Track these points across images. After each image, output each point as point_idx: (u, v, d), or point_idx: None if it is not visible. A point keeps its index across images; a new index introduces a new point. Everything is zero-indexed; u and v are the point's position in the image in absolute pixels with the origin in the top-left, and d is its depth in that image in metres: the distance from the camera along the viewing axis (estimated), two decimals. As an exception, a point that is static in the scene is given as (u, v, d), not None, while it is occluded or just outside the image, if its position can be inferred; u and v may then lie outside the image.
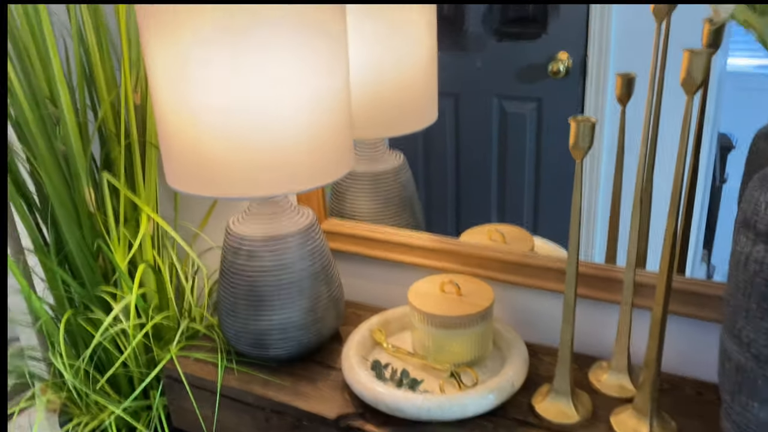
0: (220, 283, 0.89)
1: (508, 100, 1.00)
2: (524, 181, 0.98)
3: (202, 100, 0.68)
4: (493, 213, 1.02)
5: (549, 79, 0.96)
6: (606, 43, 0.88)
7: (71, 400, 1.06)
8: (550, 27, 0.95)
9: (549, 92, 0.97)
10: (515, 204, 0.99)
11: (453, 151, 1.03)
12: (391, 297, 1.04)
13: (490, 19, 0.98)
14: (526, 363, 0.81)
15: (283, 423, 0.84)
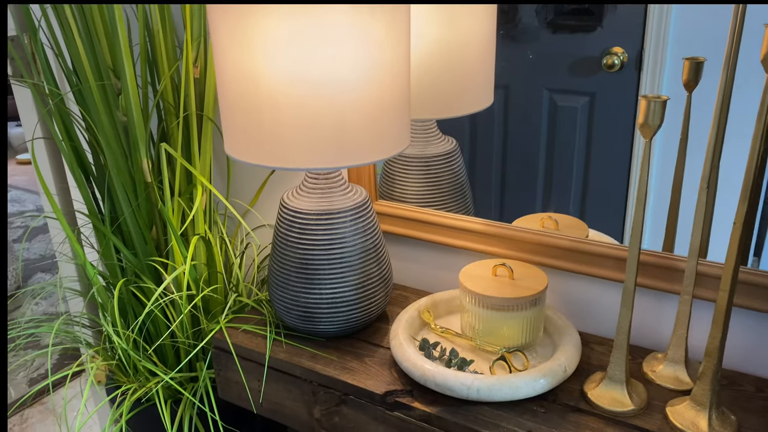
0: (272, 256, 0.90)
1: (559, 94, 0.99)
2: (572, 175, 0.96)
3: (265, 70, 0.69)
4: (538, 205, 1.00)
5: (603, 72, 0.94)
6: (664, 34, 0.86)
7: (119, 368, 1.09)
8: (605, 19, 0.93)
9: (602, 86, 0.94)
10: (562, 197, 0.97)
11: (500, 143, 1.02)
12: (439, 282, 1.03)
13: (545, 11, 0.96)
14: (579, 350, 0.80)
15: (330, 397, 0.84)
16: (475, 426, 0.72)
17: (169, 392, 1.06)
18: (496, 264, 0.86)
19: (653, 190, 0.87)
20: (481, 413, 0.74)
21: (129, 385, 1.01)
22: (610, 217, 0.91)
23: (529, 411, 0.75)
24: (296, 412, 0.88)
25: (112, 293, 1.06)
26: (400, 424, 0.78)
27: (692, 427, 0.69)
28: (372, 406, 0.80)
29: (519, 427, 0.72)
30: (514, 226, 0.93)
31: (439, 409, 0.76)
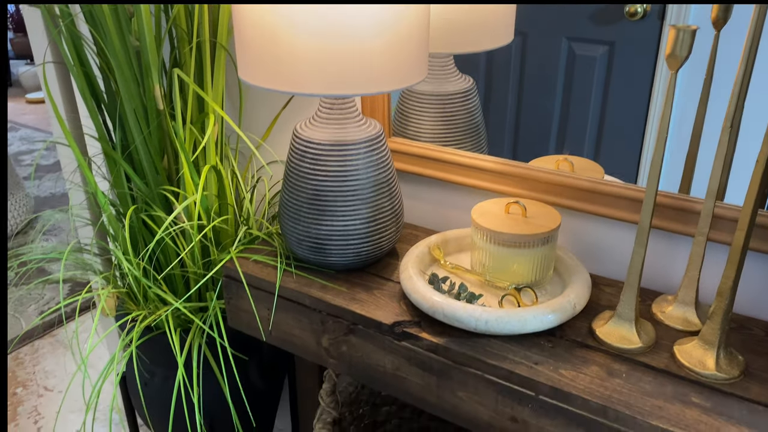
0: (284, 187, 0.89)
1: (578, 42, 0.96)
2: (587, 121, 0.94)
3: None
4: (552, 148, 0.98)
5: (624, 21, 0.91)
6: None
7: (129, 296, 1.10)
8: (631, -35, 0.89)
9: (623, 35, 0.92)
10: (577, 143, 0.95)
11: (516, 87, 1.00)
12: (450, 221, 1.03)
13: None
14: (589, 288, 0.80)
15: (339, 326, 0.84)
16: (481, 357, 0.73)
17: (178, 321, 1.08)
18: (509, 202, 0.85)
19: (672, 133, 0.85)
20: (488, 345, 0.75)
21: (139, 312, 1.03)
22: (625, 163, 0.90)
23: (536, 345, 0.75)
24: (305, 341, 0.89)
25: (122, 222, 1.06)
26: (407, 354, 0.79)
27: (699, 365, 0.70)
28: (380, 336, 0.81)
29: (525, 359, 0.73)
30: (529, 165, 0.92)
31: (447, 340, 0.76)
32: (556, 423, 0.70)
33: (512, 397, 0.72)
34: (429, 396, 0.79)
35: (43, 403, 1.78)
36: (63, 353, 1.98)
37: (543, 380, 0.69)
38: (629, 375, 0.70)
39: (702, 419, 0.64)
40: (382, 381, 0.83)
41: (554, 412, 0.69)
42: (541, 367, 0.71)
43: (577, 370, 0.71)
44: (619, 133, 0.91)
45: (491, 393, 0.73)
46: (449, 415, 0.78)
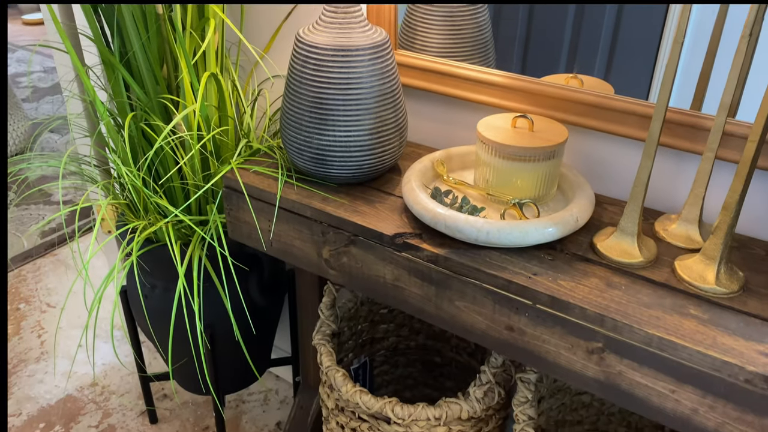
0: (286, 95, 0.87)
1: None
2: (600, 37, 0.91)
3: None
4: (562, 66, 0.96)
5: None
6: None
7: (129, 208, 1.09)
8: None
9: None
10: (588, 60, 0.92)
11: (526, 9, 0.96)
12: (455, 140, 1.01)
13: None
14: (592, 204, 0.79)
15: (339, 237, 0.84)
16: (481, 267, 0.73)
17: (178, 235, 1.08)
18: (516, 116, 0.83)
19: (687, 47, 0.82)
20: (488, 256, 0.75)
21: (139, 223, 1.02)
22: (636, 83, 0.87)
23: (536, 257, 0.75)
24: (305, 253, 0.89)
25: (121, 133, 1.05)
26: (407, 265, 0.79)
27: (699, 279, 0.70)
28: (381, 246, 0.80)
29: (525, 270, 0.73)
30: (538, 80, 0.89)
31: (447, 251, 0.76)
32: (553, 332, 0.70)
33: (509, 306, 0.72)
34: (428, 306, 0.80)
35: (46, 319, 1.81)
36: (65, 272, 2.00)
37: (541, 290, 0.70)
38: (628, 287, 0.70)
39: (699, 329, 0.64)
40: (382, 292, 0.84)
41: (551, 321, 0.70)
42: (540, 277, 0.72)
43: (576, 282, 0.71)
44: (632, 51, 0.88)
45: (489, 302, 0.74)
46: (447, 324, 0.79)
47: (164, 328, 1.17)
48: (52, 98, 3.19)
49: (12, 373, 1.62)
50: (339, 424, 0.98)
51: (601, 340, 0.67)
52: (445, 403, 0.88)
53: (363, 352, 1.20)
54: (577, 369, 0.70)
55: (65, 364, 1.65)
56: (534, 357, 0.73)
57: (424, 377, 1.27)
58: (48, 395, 1.56)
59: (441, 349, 1.22)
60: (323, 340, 1.00)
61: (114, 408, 1.52)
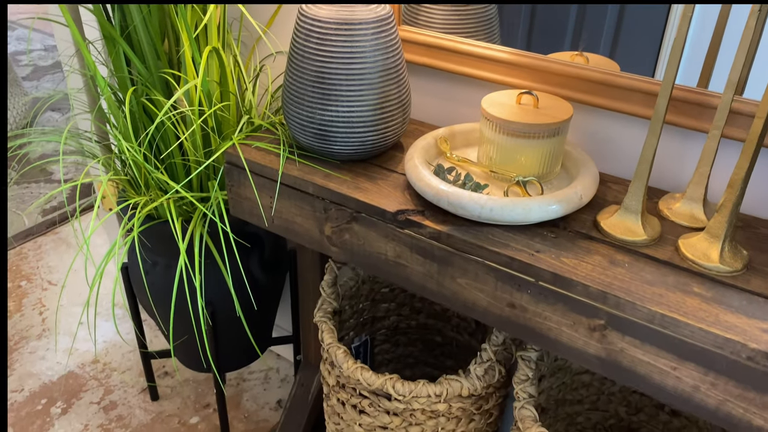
0: (288, 69, 0.86)
1: None
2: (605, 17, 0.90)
3: None
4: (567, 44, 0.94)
5: None
6: None
7: (130, 184, 1.09)
8: None
9: None
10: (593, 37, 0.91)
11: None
12: (458, 117, 1.01)
13: None
14: (596, 181, 0.78)
15: (341, 214, 0.84)
16: (483, 244, 0.73)
17: (179, 211, 1.07)
18: (521, 92, 0.82)
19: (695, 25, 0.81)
20: (491, 233, 0.74)
21: (140, 199, 1.02)
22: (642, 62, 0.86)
23: (539, 235, 0.75)
24: (307, 229, 0.89)
25: (122, 108, 1.04)
26: (409, 242, 0.79)
27: (703, 257, 0.69)
28: (383, 223, 0.80)
29: (528, 248, 0.72)
30: (544, 56, 0.88)
31: (450, 228, 0.76)
32: (555, 308, 0.70)
33: (511, 284, 0.72)
34: (429, 283, 0.80)
35: (48, 296, 1.82)
36: (66, 250, 2.00)
37: (544, 267, 0.69)
38: (631, 265, 0.70)
39: (702, 307, 0.64)
40: (384, 269, 0.84)
41: (553, 298, 0.70)
42: (543, 255, 0.71)
43: (579, 259, 0.71)
44: (638, 28, 0.87)
45: (491, 279, 0.74)
46: (449, 301, 0.79)
47: (165, 305, 1.17)
48: (53, 76, 3.17)
49: (14, 349, 1.63)
50: (340, 400, 0.99)
51: (604, 317, 0.67)
52: (446, 380, 0.89)
53: (364, 331, 1.21)
54: (578, 346, 0.70)
55: (66, 341, 1.66)
56: (535, 334, 0.73)
57: (425, 356, 1.28)
58: (50, 372, 1.57)
59: (442, 328, 1.22)
60: (325, 318, 1.00)
61: (115, 385, 1.53)
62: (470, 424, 0.95)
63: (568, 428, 1.06)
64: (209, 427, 1.43)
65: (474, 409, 0.93)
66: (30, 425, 1.42)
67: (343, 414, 0.99)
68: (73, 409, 1.47)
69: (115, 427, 1.42)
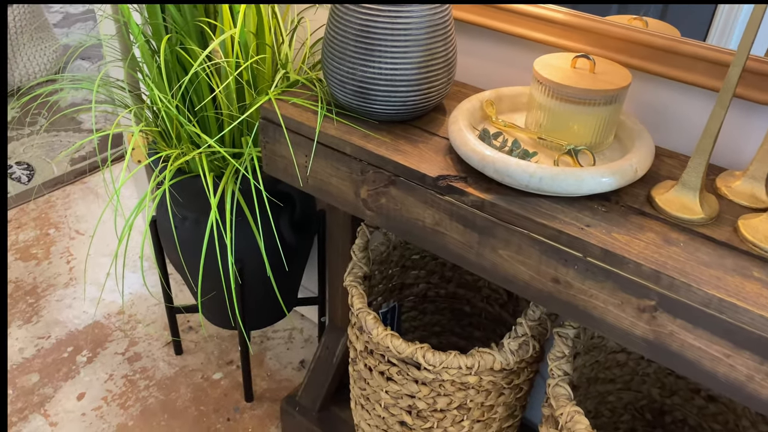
0: (330, 23, 0.82)
1: None
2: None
3: None
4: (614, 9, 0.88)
5: None
6: None
7: (161, 136, 1.06)
8: None
9: None
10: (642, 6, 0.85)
11: None
12: (505, 80, 0.96)
13: None
14: (652, 154, 0.74)
15: (379, 177, 0.80)
16: (530, 215, 0.69)
17: (211, 167, 1.05)
18: (577, 56, 0.77)
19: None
20: (538, 204, 0.71)
21: (171, 151, 0.99)
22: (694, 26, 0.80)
23: (588, 208, 0.71)
24: (342, 191, 0.86)
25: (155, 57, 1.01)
26: (449, 209, 0.75)
27: (765, 240, 0.65)
28: (422, 188, 0.77)
29: (577, 221, 0.69)
30: (604, 18, 0.83)
31: (494, 196, 0.72)
32: (603, 286, 0.67)
33: (557, 258, 0.69)
34: (468, 253, 0.77)
35: (75, 246, 1.82)
36: (94, 200, 2.00)
37: (594, 242, 0.66)
38: (687, 244, 0.66)
39: (763, 293, 0.60)
40: (420, 236, 0.81)
41: (602, 275, 0.66)
42: (593, 229, 0.67)
43: (631, 236, 0.67)
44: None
45: (535, 252, 0.70)
46: (487, 273, 0.76)
47: (193, 261, 1.16)
48: (84, 24, 3.14)
49: (41, 296, 1.65)
50: (367, 366, 0.97)
51: (655, 297, 0.64)
52: (478, 353, 0.86)
53: (392, 297, 1.19)
54: (624, 326, 0.67)
55: (93, 291, 1.67)
56: (579, 311, 0.70)
57: (452, 326, 1.25)
58: (76, 320, 1.58)
59: (471, 298, 1.20)
60: (355, 282, 0.98)
61: (140, 337, 1.54)
62: (499, 398, 0.93)
63: (599, 407, 1.04)
64: (232, 383, 1.43)
65: (504, 383, 0.91)
66: (56, 372, 1.44)
67: (370, 380, 0.97)
68: (98, 358, 1.48)
69: (138, 378, 1.44)
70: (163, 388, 1.41)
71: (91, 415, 1.35)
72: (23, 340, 1.52)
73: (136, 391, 1.40)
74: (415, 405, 0.93)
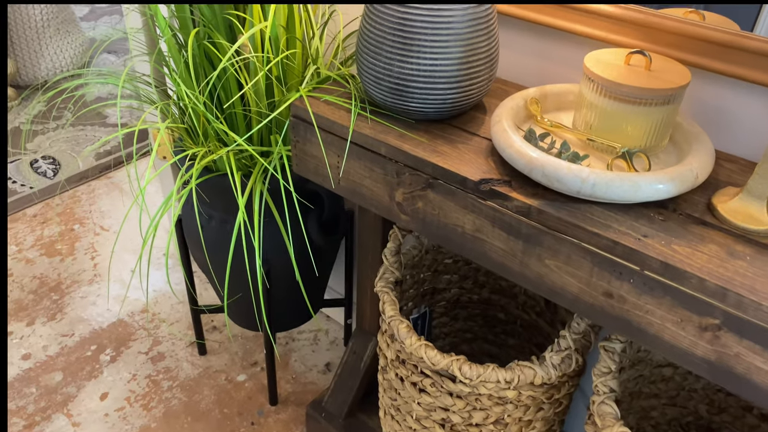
0: (365, 16, 0.78)
1: None
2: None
3: None
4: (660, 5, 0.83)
5: None
6: None
7: (188, 133, 1.03)
8: None
9: None
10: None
11: None
12: (550, 77, 0.91)
13: None
14: (713, 159, 0.68)
15: (416, 179, 0.76)
16: (581, 224, 0.64)
17: (238, 165, 1.01)
18: (631, 52, 0.72)
19: None
20: (590, 212, 0.66)
21: (198, 149, 0.96)
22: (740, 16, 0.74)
23: (644, 216, 0.66)
24: (376, 194, 0.82)
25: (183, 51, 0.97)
26: (492, 215, 0.71)
27: (843, 255, 0.59)
28: (462, 192, 0.72)
29: (633, 230, 0.63)
30: (655, 11, 0.77)
31: (542, 202, 0.67)
32: (661, 302, 0.61)
33: (611, 270, 0.64)
34: (511, 262, 0.72)
35: (100, 242, 1.81)
36: (119, 196, 1.98)
37: (653, 254, 0.60)
38: (754, 258, 0.61)
39: (843, 314, 0.54)
40: (459, 242, 0.76)
41: (660, 290, 0.61)
42: (651, 240, 0.62)
43: (692, 248, 0.61)
44: None
45: (586, 264, 0.65)
46: (532, 284, 0.71)
47: (220, 261, 1.13)
48: (110, 18, 3.14)
49: (65, 293, 1.63)
50: (398, 376, 0.93)
51: (719, 316, 0.58)
52: (518, 367, 0.82)
53: (423, 302, 1.14)
54: (684, 346, 0.62)
55: (117, 288, 1.65)
56: (632, 328, 0.65)
57: (485, 332, 1.21)
58: (100, 318, 1.56)
59: (506, 305, 1.15)
60: (386, 288, 0.94)
61: (164, 336, 1.52)
62: (538, 413, 0.88)
63: (641, 422, 0.98)
64: (257, 386, 1.40)
65: (544, 398, 0.86)
66: (80, 371, 1.42)
67: (401, 390, 0.93)
68: (122, 357, 1.46)
69: (162, 378, 1.41)
70: (186, 389, 1.39)
71: (114, 416, 1.33)
72: (47, 338, 1.50)
73: (160, 392, 1.38)
74: (449, 418, 0.89)
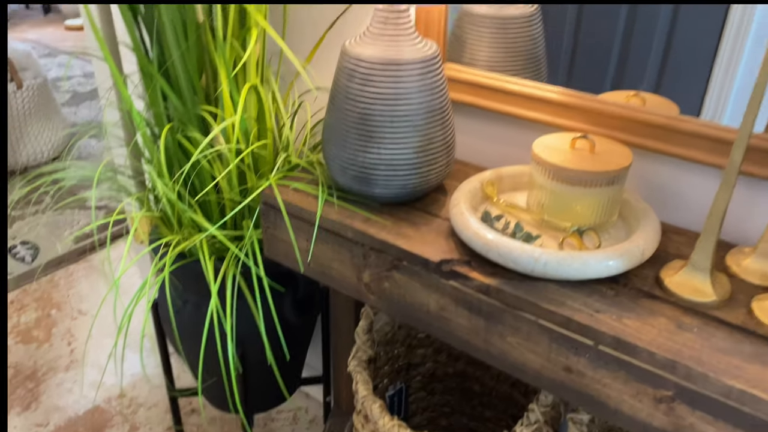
0: (330, 110, 0.83)
1: None
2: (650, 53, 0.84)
3: None
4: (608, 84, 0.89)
5: None
6: None
7: (163, 221, 1.06)
8: None
9: None
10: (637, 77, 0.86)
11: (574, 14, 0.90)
12: (505, 159, 0.96)
13: None
14: (658, 234, 0.73)
15: (382, 261, 0.79)
16: (537, 301, 0.67)
17: (213, 249, 1.04)
18: (575, 136, 0.77)
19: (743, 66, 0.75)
20: (544, 289, 0.69)
21: (172, 237, 0.99)
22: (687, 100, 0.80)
23: (597, 292, 0.69)
24: (345, 275, 0.85)
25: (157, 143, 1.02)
26: (454, 294, 0.74)
27: (782, 323, 0.63)
28: (426, 273, 0.75)
29: (586, 306, 0.67)
30: (599, 98, 0.83)
31: (499, 281, 0.70)
32: (616, 376, 0.64)
33: (568, 346, 0.66)
34: (475, 339, 0.74)
35: (77, 326, 1.80)
36: (97, 279, 1.99)
37: (605, 329, 0.63)
38: (701, 330, 0.64)
39: (785, 382, 0.57)
40: (425, 321, 0.79)
41: (615, 364, 0.64)
42: (603, 315, 0.65)
43: (642, 321, 0.65)
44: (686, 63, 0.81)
45: (545, 340, 0.68)
46: (496, 360, 0.74)
47: (194, 345, 1.13)
48: (91, 103, 3.21)
49: (41, 381, 1.61)
50: (374, 456, 0.93)
51: (672, 388, 0.61)
52: (490, 442, 0.82)
53: (399, 378, 1.15)
54: (642, 418, 0.64)
55: (94, 374, 1.63)
56: (593, 401, 0.67)
57: (462, 405, 1.21)
58: (76, 405, 1.54)
59: (481, 377, 1.16)
60: (359, 367, 0.95)
61: (141, 422, 1.49)
62: (514, 489, 0.88)
63: (619, 493, 0.98)
64: (235, 470, 1.38)
65: (519, 473, 0.86)
66: (54, 462, 1.39)
67: (378, 471, 0.93)
68: (98, 445, 1.43)
69: (139, 466, 1.38)
70: (163, 476, 1.36)
71: (88, 508, 1.29)
72: (21, 429, 1.47)
73: (136, 481, 1.35)
74: (425, 498, 0.89)
